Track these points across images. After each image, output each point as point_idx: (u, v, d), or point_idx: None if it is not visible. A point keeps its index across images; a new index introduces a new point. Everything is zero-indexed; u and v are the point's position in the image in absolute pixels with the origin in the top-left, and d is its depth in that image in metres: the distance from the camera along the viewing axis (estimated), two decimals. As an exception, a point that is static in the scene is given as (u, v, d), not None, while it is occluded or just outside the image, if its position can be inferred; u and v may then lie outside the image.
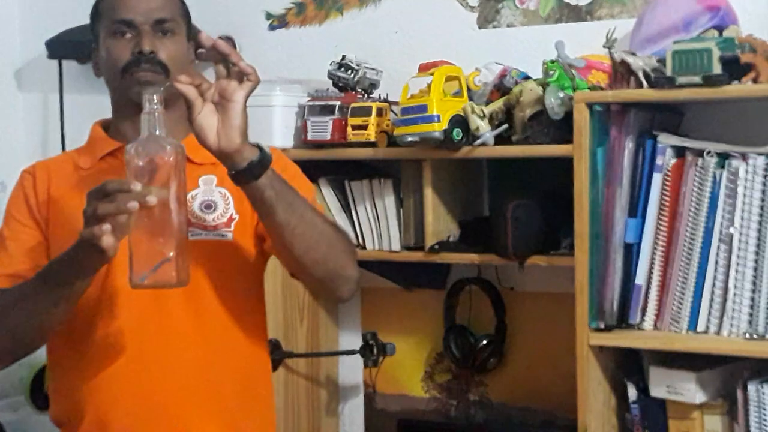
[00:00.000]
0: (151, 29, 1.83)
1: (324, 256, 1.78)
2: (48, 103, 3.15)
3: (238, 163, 1.64)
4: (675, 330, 2.11)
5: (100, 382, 1.82)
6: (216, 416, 1.85)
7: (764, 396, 2.03)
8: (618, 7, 2.44)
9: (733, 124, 2.18)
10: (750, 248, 2.05)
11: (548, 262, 2.28)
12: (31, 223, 1.89)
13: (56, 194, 1.89)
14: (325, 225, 1.79)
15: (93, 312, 1.81)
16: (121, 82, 1.84)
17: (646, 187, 2.14)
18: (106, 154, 1.90)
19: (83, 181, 1.88)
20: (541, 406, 2.50)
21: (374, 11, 2.72)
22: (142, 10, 1.83)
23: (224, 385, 1.86)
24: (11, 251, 1.87)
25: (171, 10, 1.86)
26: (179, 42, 1.87)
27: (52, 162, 2.00)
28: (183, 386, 1.82)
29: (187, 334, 1.82)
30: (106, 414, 1.82)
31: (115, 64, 1.83)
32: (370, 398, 2.75)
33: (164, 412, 1.82)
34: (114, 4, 1.85)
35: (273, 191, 1.67)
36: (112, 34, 1.84)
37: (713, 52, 2.00)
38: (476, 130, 2.27)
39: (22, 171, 1.96)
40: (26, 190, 1.91)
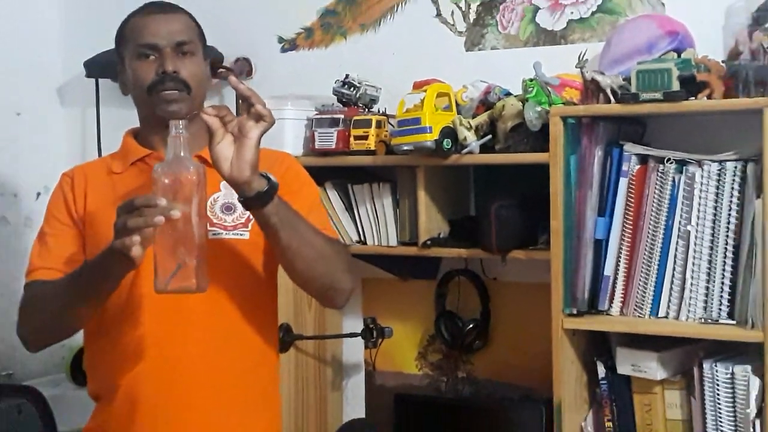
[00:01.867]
0: (173, 51, 1.82)
1: (321, 273, 1.79)
2: (86, 116, 3.14)
3: (246, 192, 1.64)
4: (639, 315, 2.12)
5: (130, 364, 1.82)
6: (228, 392, 1.84)
7: (717, 373, 2.03)
8: (588, 32, 2.44)
9: (690, 135, 2.18)
10: (705, 243, 2.06)
11: (527, 256, 2.28)
12: (69, 222, 1.88)
13: (92, 195, 1.89)
14: (324, 245, 1.78)
15: (124, 305, 1.80)
16: (148, 100, 1.83)
17: (614, 190, 2.14)
18: (137, 159, 1.89)
19: (116, 183, 1.88)
20: (521, 382, 2.50)
21: (374, 36, 2.72)
22: (164, 34, 1.82)
23: (236, 366, 1.85)
24: (51, 247, 1.86)
25: (189, 34, 1.85)
26: (198, 61, 1.86)
27: (89, 166, 1.99)
28: (201, 366, 1.82)
29: (205, 322, 1.81)
30: (135, 390, 1.81)
31: (142, 83, 1.82)
32: (370, 375, 2.75)
33: (185, 389, 1.81)
34: (138, 29, 1.84)
35: (278, 217, 1.67)
36: (138, 57, 1.83)
37: (672, 72, 2.02)
38: (464, 140, 2.27)
39: (62, 174, 1.95)
40: (65, 191, 1.91)
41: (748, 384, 1.99)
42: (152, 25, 1.83)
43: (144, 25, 1.84)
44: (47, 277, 1.82)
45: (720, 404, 2.03)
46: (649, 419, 2.15)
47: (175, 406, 1.80)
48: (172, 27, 1.83)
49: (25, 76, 3.11)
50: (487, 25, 2.56)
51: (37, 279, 1.84)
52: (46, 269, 1.83)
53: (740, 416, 2.01)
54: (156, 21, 1.83)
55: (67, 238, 1.87)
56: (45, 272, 1.83)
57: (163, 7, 1.88)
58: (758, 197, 1.97)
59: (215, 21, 1.96)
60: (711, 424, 2.04)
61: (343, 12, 2.75)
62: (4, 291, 2.92)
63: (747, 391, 2.00)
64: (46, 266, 1.84)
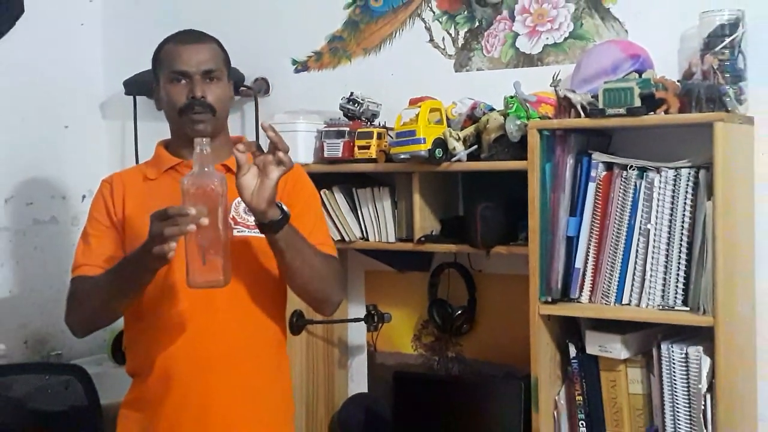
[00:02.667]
0: (201, 78, 1.84)
1: (315, 289, 1.85)
2: (125, 129, 3.15)
3: (262, 219, 1.69)
4: (605, 303, 2.13)
5: (163, 344, 1.84)
6: (247, 367, 1.87)
7: (673, 353, 2.04)
8: (561, 55, 2.45)
9: (650, 145, 2.19)
10: (662, 240, 2.07)
11: (508, 251, 2.28)
12: (108, 223, 1.90)
13: (130, 200, 1.90)
14: (321, 266, 1.83)
15: (158, 294, 1.82)
16: (179, 120, 1.86)
17: (583, 193, 2.15)
18: (169, 167, 1.92)
19: (151, 188, 1.91)
20: (503, 361, 2.50)
21: (375, 59, 2.73)
22: (194, 63, 1.85)
23: (253, 344, 1.88)
24: (93, 246, 1.88)
25: (216, 62, 1.88)
26: (223, 86, 1.88)
27: (126, 173, 2.01)
28: (224, 346, 1.84)
29: (228, 307, 1.83)
30: (168, 367, 1.84)
31: (174, 105, 1.85)
32: (371, 355, 2.76)
33: (211, 365, 1.84)
34: (172, 56, 1.86)
35: (285, 242, 1.72)
36: (171, 81, 1.86)
37: (634, 90, 2.02)
38: (453, 150, 2.28)
39: (102, 180, 1.97)
40: (105, 197, 1.92)
41: (700, 363, 2.00)
42: (184, 54, 1.85)
43: (177, 53, 1.86)
44: (90, 273, 1.84)
45: (675, 380, 2.04)
46: (614, 393, 2.16)
47: (203, 380, 1.83)
48: (201, 56, 1.86)
49: (71, 94, 3.12)
50: (474, 50, 2.57)
51: (81, 274, 1.86)
52: (89, 266, 1.86)
53: (693, 391, 2.02)
54: (187, 50, 1.86)
55: (107, 238, 1.89)
56: (88, 269, 1.86)
57: (195, 37, 1.90)
58: (709, 200, 1.97)
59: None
60: (668, 398, 2.05)
61: (349, 38, 2.76)
62: (54, 282, 2.93)
63: (699, 369, 2.00)
64: (89, 263, 1.86)
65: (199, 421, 1.83)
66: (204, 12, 2.82)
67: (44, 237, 3.01)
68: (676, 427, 2.05)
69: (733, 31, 2.12)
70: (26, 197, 2.98)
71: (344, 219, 2.51)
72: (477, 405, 2.39)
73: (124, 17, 3.17)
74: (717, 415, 1.97)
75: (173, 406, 1.84)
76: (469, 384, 2.45)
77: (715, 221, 1.95)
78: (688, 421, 2.03)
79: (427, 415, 2.45)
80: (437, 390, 2.48)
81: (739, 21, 2.13)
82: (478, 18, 2.56)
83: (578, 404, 2.18)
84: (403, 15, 2.67)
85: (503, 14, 2.52)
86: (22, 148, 2.96)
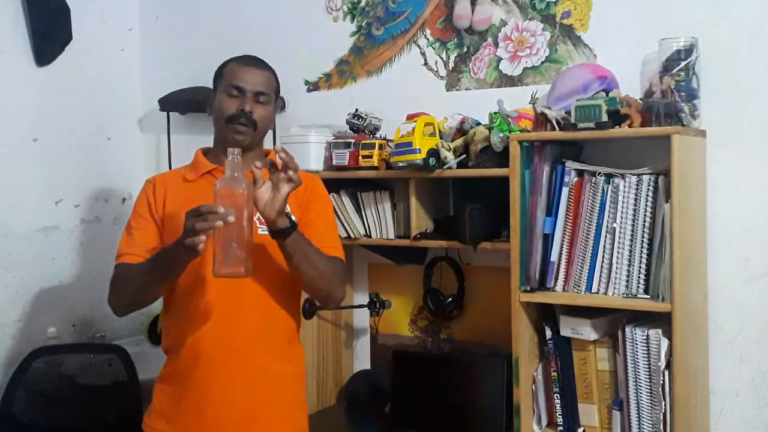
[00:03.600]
0: (253, 97, 1.86)
1: (320, 288, 1.86)
2: (159, 141, 3.15)
3: (272, 227, 1.71)
4: (577, 291, 2.12)
5: (195, 325, 1.84)
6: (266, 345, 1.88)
7: (636, 335, 2.05)
8: (539, 76, 2.45)
9: (616, 155, 2.18)
10: (626, 237, 2.07)
11: (493, 246, 2.28)
12: (149, 218, 1.90)
13: (170, 199, 1.91)
14: (327, 268, 1.83)
15: (191, 282, 1.83)
16: (224, 127, 1.87)
17: (558, 196, 2.15)
18: (206, 172, 1.92)
19: (189, 188, 1.91)
20: (488, 341, 2.50)
21: (377, 80, 2.72)
22: (250, 83, 1.86)
23: (272, 326, 1.88)
24: (135, 237, 1.89)
25: (268, 87, 1.90)
26: (268, 109, 1.90)
27: (167, 174, 2.02)
28: (246, 331, 1.85)
29: (252, 294, 1.83)
30: (198, 345, 1.84)
31: (224, 112, 1.86)
32: (374, 337, 2.75)
33: (235, 347, 1.84)
34: (233, 72, 1.88)
35: (293, 248, 1.74)
36: (226, 92, 1.87)
37: (602, 107, 2.02)
38: (445, 159, 2.28)
39: (146, 180, 1.97)
40: (148, 194, 1.93)
41: (659, 343, 2.01)
42: (244, 73, 1.87)
43: (238, 71, 1.88)
44: (131, 261, 1.85)
45: (638, 358, 2.04)
46: (585, 370, 2.16)
47: (228, 357, 1.83)
48: (257, 79, 1.88)
49: (113, 110, 3.12)
50: (462, 72, 2.57)
51: (124, 262, 1.86)
52: (132, 254, 1.86)
53: (653, 368, 2.02)
54: (248, 72, 1.88)
55: (148, 230, 1.89)
56: (130, 257, 1.86)
57: (257, 62, 1.92)
58: (667, 202, 1.98)
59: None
60: (631, 374, 2.05)
61: (354, 62, 2.76)
62: (97, 273, 2.92)
63: (658, 348, 2.01)
64: (131, 252, 1.87)
65: (223, 395, 1.83)
66: (228, 40, 2.82)
67: (89, 234, 3.02)
68: (638, 399, 2.05)
69: (688, 56, 2.12)
70: (74, 200, 2.98)
71: (350, 218, 2.51)
72: (465, 380, 2.39)
73: (159, 44, 3.17)
74: (674, 389, 1.97)
75: (201, 380, 1.84)
76: (459, 361, 2.45)
77: (672, 221, 1.95)
78: (648, 393, 2.04)
79: (422, 388, 2.45)
80: (431, 367, 2.48)
81: (693, 47, 2.13)
82: (466, 44, 2.56)
83: (553, 379, 2.18)
84: (401, 42, 2.67)
85: (488, 41, 2.52)
86: (71, 157, 2.96)
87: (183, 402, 1.86)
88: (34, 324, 2.81)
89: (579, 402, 2.17)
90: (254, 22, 2.93)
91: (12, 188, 2.77)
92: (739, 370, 2.17)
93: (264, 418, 1.86)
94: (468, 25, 2.53)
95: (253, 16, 2.93)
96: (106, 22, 3.09)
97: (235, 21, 2.97)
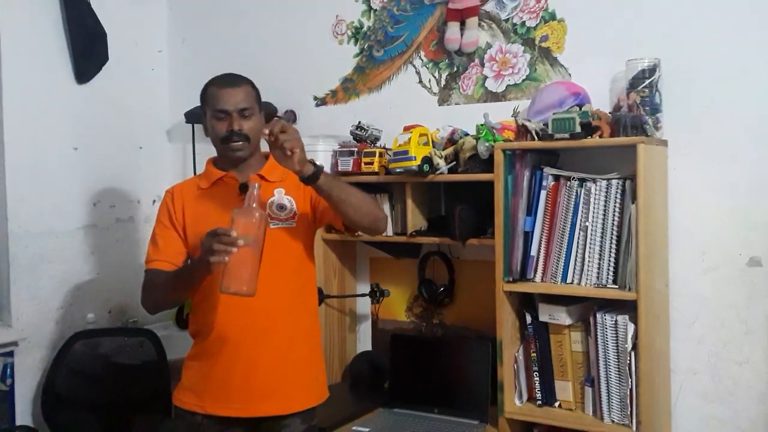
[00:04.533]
0: (238, 115, 1.82)
1: (366, 212, 1.81)
2: (185, 149, 3.14)
3: (302, 176, 1.69)
4: (553, 282, 2.11)
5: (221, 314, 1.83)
6: (285, 330, 1.86)
7: (606, 321, 2.04)
8: (520, 93, 2.43)
9: (588, 162, 2.17)
10: (597, 234, 2.06)
11: (479, 242, 2.27)
12: (171, 226, 1.88)
13: (188, 206, 1.89)
14: (363, 196, 1.81)
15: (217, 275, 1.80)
16: (222, 147, 1.85)
17: (537, 198, 2.14)
18: (216, 179, 1.90)
19: (203, 195, 1.89)
20: (475, 326, 2.49)
21: (378, 96, 2.70)
22: (232, 103, 1.81)
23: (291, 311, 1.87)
24: (160, 245, 1.87)
25: (249, 101, 1.84)
26: (255, 119, 1.85)
27: (184, 184, 1.99)
28: (268, 315, 1.83)
29: (270, 284, 1.81)
30: (224, 330, 1.83)
31: (218, 135, 1.83)
32: (374, 322, 2.74)
33: (257, 330, 1.83)
34: (215, 97, 1.83)
35: (327, 185, 1.71)
36: (214, 116, 1.83)
37: (576, 120, 2.02)
38: (437, 165, 2.27)
39: (166, 191, 1.96)
40: (168, 204, 1.91)
41: (626, 328, 2.00)
42: (224, 96, 1.82)
43: (219, 95, 1.82)
44: (159, 267, 1.84)
45: (607, 341, 2.04)
46: (561, 351, 2.15)
47: (251, 339, 1.83)
48: (237, 98, 1.82)
49: (144, 122, 3.11)
50: (453, 89, 2.55)
51: (153, 268, 1.85)
52: (159, 261, 1.85)
53: (621, 349, 2.02)
54: (226, 93, 1.82)
55: (171, 238, 1.88)
56: (158, 263, 1.85)
57: (232, 81, 1.85)
58: (633, 203, 1.97)
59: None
60: (601, 354, 2.05)
61: (357, 79, 2.74)
62: (130, 266, 2.92)
63: (626, 332, 2.00)
64: (158, 259, 1.85)
65: (246, 372, 1.83)
66: (246, 61, 2.79)
67: (123, 232, 3.00)
68: (607, 377, 2.04)
69: (651, 75, 2.11)
70: (110, 201, 2.97)
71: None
72: (455, 359, 2.38)
73: (185, 64, 3.16)
74: (639, 368, 1.97)
75: (226, 360, 1.83)
76: (449, 344, 2.44)
77: (637, 220, 1.95)
78: (617, 371, 2.03)
79: (417, 367, 2.44)
80: (425, 348, 2.46)
81: (656, 67, 2.12)
82: (456, 65, 2.54)
83: (533, 359, 2.18)
84: (399, 62, 2.65)
85: (475, 62, 2.50)
86: (107, 163, 2.95)
87: (210, 378, 1.85)
88: (75, 311, 2.80)
89: (555, 379, 2.16)
90: (269, 45, 2.92)
91: (55, 191, 2.76)
92: (696, 351, 2.16)
93: (282, 393, 1.85)
94: (458, 48, 2.52)
95: (268, 40, 2.92)
96: (138, 45, 3.08)
97: (252, 44, 2.96)
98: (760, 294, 2.08)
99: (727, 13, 2.10)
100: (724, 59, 2.10)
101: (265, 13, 2.94)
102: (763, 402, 2.08)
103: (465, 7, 2.48)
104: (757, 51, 2.07)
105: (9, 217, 2.61)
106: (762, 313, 2.08)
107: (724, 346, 2.13)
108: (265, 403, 1.83)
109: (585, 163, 2.16)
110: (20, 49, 2.64)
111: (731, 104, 2.10)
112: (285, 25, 2.88)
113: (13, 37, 2.62)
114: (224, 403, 1.83)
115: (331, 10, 2.77)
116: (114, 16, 2.93)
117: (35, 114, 2.69)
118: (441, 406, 2.32)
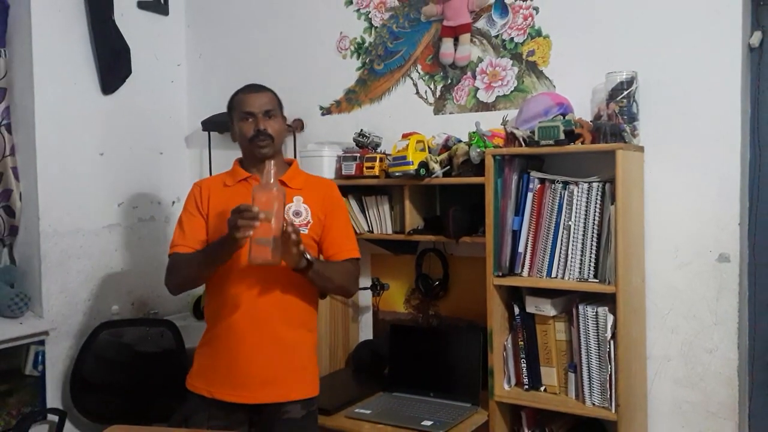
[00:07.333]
0: (263, 116, 1.85)
1: (337, 294, 1.94)
2: (202, 155, 3.14)
3: (295, 269, 1.75)
4: (539, 276, 2.12)
5: (229, 306, 1.84)
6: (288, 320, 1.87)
7: (587, 312, 2.05)
8: (509, 103, 2.44)
9: (571, 166, 2.18)
10: (579, 232, 2.07)
11: (472, 240, 2.27)
12: (198, 214, 1.90)
13: (213, 200, 1.90)
14: (343, 279, 1.87)
15: (229, 270, 1.83)
16: (249, 147, 1.87)
17: (524, 200, 2.15)
18: (242, 179, 1.91)
19: (228, 192, 1.90)
20: (468, 317, 2.50)
21: (378, 105, 2.71)
22: (257, 106, 1.85)
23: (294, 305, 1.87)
24: (186, 231, 1.88)
25: (272, 104, 1.88)
26: (278, 121, 1.88)
27: (211, 180, 2.01)
28: (272, 309, 1.84)
29: (276, 280, 1.83)
30: (230, 318, 1.84)
31: (245, 136, 1.86)
32: (375, 313, 2.75)
33: (261, 320, 1.84)
34: (242, 102, 1.87)
35: (314, 277, 1.78)
36: (241, 119, 1.86)
37: (560, 127, 2.03)
38: (433, 169, 2.28)
39: (194, 183, 1.98)
40: (195, 195, 1.92)
41: (606, 318, 2.01)
42: (250, 99, 1.86)
43: (245, 99, 1.87)
44: (183, 251, 1.85)
45: (589, 331, 2.05)
46: (546, 340, 2.16)
47: (254, 328, 1.83)
48: (262, 101, 1.86)
49: (165, 129, 3.11)
50: (447, 99, 2.56)
51: (176, 252, 1.86)
52: (183, 246, 1.86)
53: (601, 338, 2.02)
54: (252, 97, 1.87)
55: (196, 225, 1.89)
56: (182, 248, 1.86)
57: (257, 88, 1.91)
58: (612, 204, 1.98)
59: (282, 95, 1.96)
60: (583, 343, 2.05)
61: (360, 91, 2.75)
62: (152, 263, 2.93)
63: (605, 322, 2.01)
64: (183, 243, 1.86)
65: (249, 359, 1.84)
66: (257, 73, 2.81)
67: (145, 231, 3.00)
68: (589, 363, 2.05)
69: (629, 86, 2.12)
70: (133, 202, 2.97)
71: (356, 217, 2.50)
72: (449, 347, 2.38)
73: (202, 77, 3.16)
74: (618, 355, 1.98)
75: (232, 347, 1.84)
76: (444, 333, 2.44)
77: (616, 219, 1.96)
78: (597, 359, 2.04)
79: (414, 355, 2.44)
80: (421, 337, 2.47)
81: (633, 79, 2.13)
82: (450, 77, 2.55)
83: (520, 347, 2.18)
84: (397, 75, 2.66)
85: (468, 75, 2.51)
86: (130, 168, 2.95)
87: (217, 365, 1.86)
88: (101, 303, 2.81)
89: (541, 365, 2.17)
90: (278, 59, 2.92)
91: (82, 193, 2.77)
92: (670, 340, 2.17)
93: (282, 381, 1.86)
94: (451, 62, 2.53)
95: (278, 54, 2.93)
96: (159, 60, 3.09)
97: (263, 58, 2.96)
98: (728, 287, 2.09)
99: (698, 31, 2.11)
100: (696, 73, 2.11)
101: (275, 30, 2.95)
102: (731, 386, 2.09)
103: (458, 24, 2.50)
104: (727, 65, 2.08)
105: (40, 217, 2.63)
106: (730, 305, 2.09)
107: (695, 335, 2.14)
108: (265, 390, 1.84)
109: (568, 168, 2.17)
110: (51, 64, 2.66)
111: (702, 114, 2.11)
112: (293, 41, 2.90)
113: (44, 53, 2.63)
114: (229, 389, 1.84)
115: (336, 27, 2.78)
116: (136, 33, 2.94)
117: (64, 123, 2.71)
118: (436, 390, 2.33)
